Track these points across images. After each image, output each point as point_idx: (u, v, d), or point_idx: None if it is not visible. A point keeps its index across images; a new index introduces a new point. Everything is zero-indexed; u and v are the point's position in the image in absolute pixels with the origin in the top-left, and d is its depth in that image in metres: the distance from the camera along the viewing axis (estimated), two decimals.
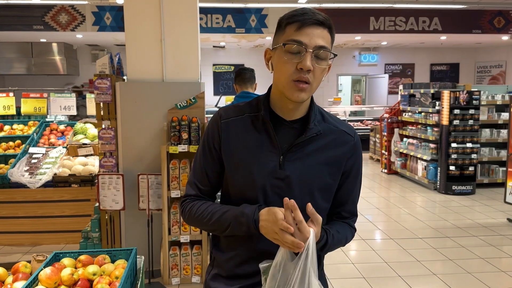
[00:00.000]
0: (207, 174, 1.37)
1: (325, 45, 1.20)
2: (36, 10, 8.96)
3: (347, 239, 1.38)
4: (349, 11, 9.80)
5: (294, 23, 1.20)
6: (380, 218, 5.70)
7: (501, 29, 10.30)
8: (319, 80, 1.23)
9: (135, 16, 3.59)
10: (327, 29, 1.21)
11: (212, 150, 1.34)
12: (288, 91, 1.22)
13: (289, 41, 1.20)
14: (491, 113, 7.26)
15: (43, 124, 5.33)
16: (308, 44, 1.18)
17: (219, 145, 1.33)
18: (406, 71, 13.75)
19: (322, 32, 1.20)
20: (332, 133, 1.32)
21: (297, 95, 1.21)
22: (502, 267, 4.06)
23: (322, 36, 1.19)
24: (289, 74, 1.20)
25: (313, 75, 1.20)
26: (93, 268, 1.76)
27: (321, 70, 1.22)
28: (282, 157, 1.27)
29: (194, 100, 3.54)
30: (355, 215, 1.43)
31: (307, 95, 1.23)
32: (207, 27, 9.36)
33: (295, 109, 1.28)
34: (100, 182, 3.40)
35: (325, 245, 1.27)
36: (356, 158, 1.36)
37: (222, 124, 1.33)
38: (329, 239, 1.28)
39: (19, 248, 4.39)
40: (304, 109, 1.31)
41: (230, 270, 1.35)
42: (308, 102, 1.31)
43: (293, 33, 1.20)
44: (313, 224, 1.18)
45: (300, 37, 1.18)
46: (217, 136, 1.33)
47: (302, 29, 1.19)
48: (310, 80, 1.20)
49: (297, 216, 1.14)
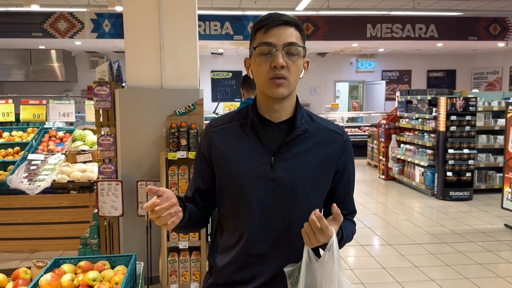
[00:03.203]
0: (200, 182, 1.41)
1: (294, 41, 1.26)
2: (35, 17, 9.00)
3: (353, 233, 1.42)
4: (346, 19, 9.87)
5: (261, 28, 1.28)
6: (377, 224, 5.72)
7: (497, 36, 10.39)
8: (295, 74, 1.29)
9: (135, 24, 3.62)
10: (294, 27, 1.28)
11: (203, 159, 1.40)
12: (268, 89, 1.28)
13: (259, 44, 1.27)
14: (487, 119, 7.31)
15: (42, 131, 5.33)
16: (277, 43, 1.25)
17: (210, 154, 1.37)
18: (403, 78, 13.82)
19: (289, 30, 1.27)
20: (321, 132, 1.36)
21: (276, 90, 1.27)
22: (500, 273, 4.07)
23: (290, 34, 1.26)
24: (265, 73, 1.27)
25: (288, 70, 1.26)
26: (93, 274, 1.77)
27: (295, 65, 1.28)
28: (273, 158, 1.30)
29: (193, 106, 3.56)
30: (354, 212, 1.47)
31: (286, 89, 1.28)
32: (205, 34, 9.41)
33: (280, 110, 1.33)
34: (99, 189, 3.41)
35: (340, 240, 1.29)
36: (347, 156, 1.39)
37: (211, 133, 1.38)
38: (344, 233, 1.31)
39: (17, 254, 4.38)
40: (290, 109, 1.35)
41: (227, 277, 1.36)
42: (293, 103, 1.36)
43: (262, 36, 1.27)
44: (335, 223, 1.21)
45: (269, 38, 1.26)
46: (207, 145, 1.38)
47: (269, 31, 1.26)
48: (285, 75, 1.26)
49: (323, 223, 1.16)
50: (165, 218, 1.17)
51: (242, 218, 1.32)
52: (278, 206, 1.29)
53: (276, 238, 1.31)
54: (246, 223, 1.31)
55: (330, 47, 11.51)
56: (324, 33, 9.79)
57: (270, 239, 1.31)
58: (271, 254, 1.31)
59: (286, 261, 1.29)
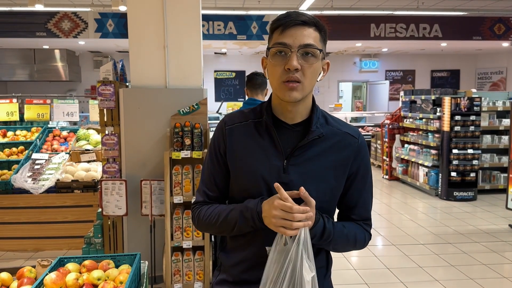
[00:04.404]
0: (215, 180, 1.37)
1: (311, 43, 1.22)
2: (39, 17, 9.03)
3: (356, 236, 1.35)
4: (350, 18, 9.85)
5: (278, 27, 1.24)
6: (381, 224, 5.70)
7: (501, 35, 10.35)
8: (311, 78, 1.24)
9: (139, 23, 3.62)
10: (313, 27, 1.23)
11: (219, 156, 1.36)
12: (280, 92, 1.24)
13: (274, 45, 1.23)
14: (492, 119, 7.28)
15: (46, 130, 5.35)
16: (292, 44, 1.20)
17: (224, 151, 1.34)
18: (407, 78, 13.78)
19: (307, 31, 1.22)
20: (336, 135, 1.32)
21: (288, 94, 1.22)
22: (505, 273, 4.05)
23: (307, 35, 1.21)
24: (278, 76, 1.23)
25: (302, 73, 1.21)
26: (98, 273, 1.77)
27: (311, 68, 1.23)
28: (286, 161, 1.27)
29: (197, 106, 3.56)
30: (367, 219, 1.40)
31: (300, 93, 1.23)
32: (208, 33, 9.42)
33: (295, 111, 1.29)
34: (103, 188, 3.42)
35: (324, 231, 1.25)
36: (361, 160, 1.34)
37: (226, 130, 1.34)
38: (327, 225, 1.26)
39: (21, 253, 4.39)
40: (305, 112, 1.31)
41: (237, 276, 1.35)
42: (309, 104, 1.32)
43: (278, 36, 1.23)
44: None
45: (284, 38, 1.21)
46: (222, 143, 1.35)
47: (285, 31, 1.21)
48: (299, 79, 1.21)
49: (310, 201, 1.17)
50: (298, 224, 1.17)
51: None
52: None
53: None
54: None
55: (333, 46, 11.50)
56: (328, 33, 9.75)
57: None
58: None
59: None
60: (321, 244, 1.29)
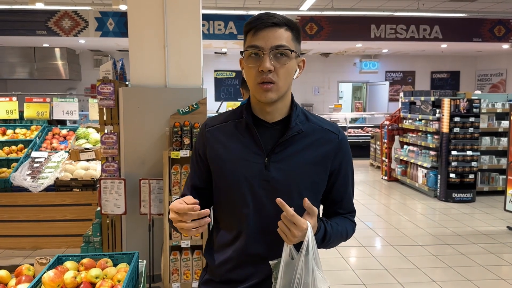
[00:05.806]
0: (197, 180, 1.42)
1: (283, 43, 1.23)
2: (40, 15, 9.03)
3: (347, 231, 1.39)
4: (350, 19, 9.86)
5: (250, 30, 1.26)
6: (380, 225, 5.71)
7: (501, 37, 10.36)
8: (285, 77, 1.26)
9: (139, 23, 3.63)
10: (284, 27, 1.25)
11: (199, 158, 1.40)
12: (257, 93, 1.26)
13: (248, 47, 1.25)
14: (491, 121, 7.29)
15: (45, 129, 5.36)
16: (264, 47, 1.22)
17: (205, 153, 1.37)
18: (407, 79, 13.79)
19: (278, 32, 1.23)
20: (316, 132, 1.34)
21: (264, 95, 1.25)
22: (502, 275, 4.06)
23: (279, 36, 1.23)
24: (253, 77, 1.25)
25: (276, 74, 1.23)
26: (96, 271, 1.77)
27: (284, 68, 1.25)
28: (267, 159, 1.29)
29: (197, 106, 3.57)
30: (353, 211, 1.45)
31: (275, 94, 1.25)
32: (209, 33, 9.42)
33: (273, 111, 1.31)
34: (102, 187, 3.42)
35: (325, 235, 1.28)
36: (343, 156, 1.37)
37: (206, 132, 1.38)
38: (328, 227, 1.29)
39: (20, 251, 4.40)
40: (285, 109, 1.33)
41: (223, 275, 1.36)
42: (288, 102, 1.34)
43: (250, 39, 1.25)
44: (309, 217, 1.21)
45: (256, 41, 1.23)
46: (202, 145, 1.38)
47: (257, 33, 1.24)
48: (273, 79, 1.23)
49: (287, 211, 1.16)
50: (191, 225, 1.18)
51: (238, 217, 1.32)
52: (273, 206, 1.25)
53: (272, 239, 1.27)
54: (241, 223, 1.31)
55: (334, 47, 11.50)
56: (328, 34, 9.79)
57: (266, 239, 1.30)
58: (267, 254, 1.30)
59: None
60: (321, 247, 1.30)
